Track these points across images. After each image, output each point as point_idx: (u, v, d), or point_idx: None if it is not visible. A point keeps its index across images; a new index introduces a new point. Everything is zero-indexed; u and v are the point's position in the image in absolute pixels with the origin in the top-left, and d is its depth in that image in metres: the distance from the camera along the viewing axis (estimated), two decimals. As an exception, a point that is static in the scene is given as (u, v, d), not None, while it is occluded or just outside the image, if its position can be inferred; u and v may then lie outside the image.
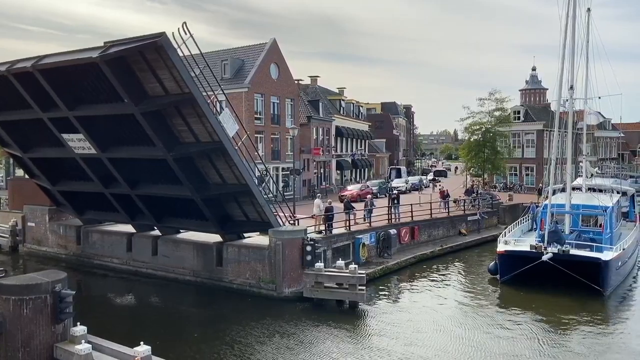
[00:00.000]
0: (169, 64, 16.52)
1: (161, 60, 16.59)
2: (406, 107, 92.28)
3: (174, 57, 16.29)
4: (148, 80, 17.51)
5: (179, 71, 16.56)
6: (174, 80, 17.08)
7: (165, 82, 17.36)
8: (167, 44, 16.09)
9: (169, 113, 18.29)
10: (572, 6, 23.51)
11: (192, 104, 17.41)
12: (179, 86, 17.17)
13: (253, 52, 40.31)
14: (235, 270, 20.53)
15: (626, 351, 14.99)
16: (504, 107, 47.70)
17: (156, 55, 16.52)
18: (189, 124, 18.38)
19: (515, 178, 54.76)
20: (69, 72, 18.18)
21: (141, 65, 17.09)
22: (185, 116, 18.19)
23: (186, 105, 17.67)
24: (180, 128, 18.70)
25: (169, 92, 17.61)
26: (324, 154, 48.82)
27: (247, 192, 19.43)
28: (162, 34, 16.13)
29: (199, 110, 17.48)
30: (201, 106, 17.31)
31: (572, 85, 24.43)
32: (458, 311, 18.68)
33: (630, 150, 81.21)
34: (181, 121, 18.43)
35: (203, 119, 17.83)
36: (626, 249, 22.47)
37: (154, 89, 17.73)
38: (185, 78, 16.74)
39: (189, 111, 17.92)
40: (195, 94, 17.04)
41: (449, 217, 31.82)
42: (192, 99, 17.16)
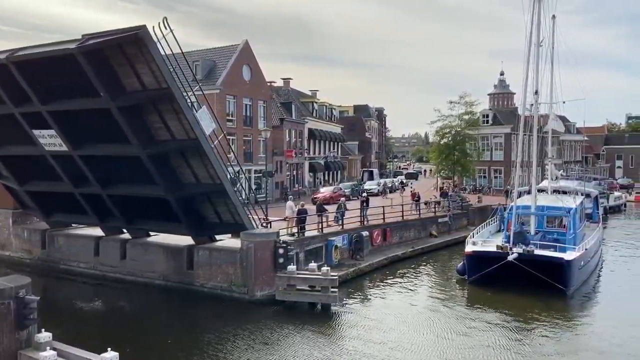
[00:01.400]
0: (148, 58, 16.31)
1: (140, 54, 16.38)
2: (378, 109, 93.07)
3: (153, 50, 16.08)
4: (126, 74, 17.23)
5: (158, 65, 16.35)
6: (152, 75, 16.87)
7: (143, 77, 17.13)
8: (147, 37, 15.89)
9: (145, 109, 18.04)
10: (537, 13, 24.23)
11: (169, 99, 17.22)
12: (157, 81, 16.96)
13: (225, 53, 40.03)
14: (206, 273, 20.30)
15: (591, 350, 15.46)
16: (474, 110, 48.82)
17: (135, 49, 16.30)
18: (165, 120, 18.16)
19: (484, 180, 55.90)
20: (44, 65, 17.77)
21: (119, 59, 16.83)
22: (162, 112, 17.96)
23: (164, 100, 17.46)
24: (157, 125, 18.44)
25: (146, 87, 17.38)
26: (296, 156, 48.81)
27: (222, 192, 19.25)
28: (142, 26, 15.94)
29: (177, 106, 17.27)
30: (179, 102, 17.11)
31: (537, 90, 25.14)
32: (428, 311, 18.94)
33: (594, 154, 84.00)
34: (157, 118, 18.18)
35: (180, 116, 17.63)
36: (589, 248, 23.19)
37: (132, 84, 17.47)
38: (164, 73, 16.53)
39: (166, 107, 17.71)
40: (173, 89, 16.84)
41: (420, 219, 32.24)
42: (170, 94, 16.96)
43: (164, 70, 16.50)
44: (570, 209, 24.65)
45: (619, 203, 54.77)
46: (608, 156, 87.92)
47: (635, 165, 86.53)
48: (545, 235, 23.75)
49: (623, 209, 54.90)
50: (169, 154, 19.09)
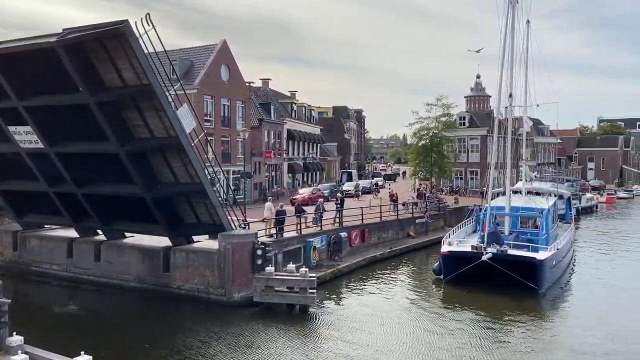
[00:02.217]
0: (129, 53, 16.10)
1: (121, 49, 16.17)
2: (357, 111, 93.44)
3: (135, 45, 15.90)
4: (106, 70, 16.99)
5: (139, 61, 16.15)
6: (133, 71, 16.67)
7: (124, 73, 16.91)
8: (129, 32, 15.71)
9: (125, 105, 17.79)
10: (512, 18, 24.71)
11: (150, 96, 17.02)
12: (138, 77, 16.75)
13: (203, 53, 39.70)
14: (183, 275, 20.08)
15: (565, 348, 15.79)
16: (450, 113, 49.42)
17: (116, 44, 16.09)
18: (145, 117, 17.94)
19: (461, 182, 56.63)
20: (23, 60, 17.45)
21: (100, 54, 16.60)
22: (142, 109, 17.75)
23: (144, 97, 17.25)
24: (136, 122, 18.21)
25: (127, 83, 17.16)
26: (275, 157, 48.68)
27: (201, 192, 19.08)
28: (124, 21, 15.76)
29: (157, 103, 17.08)
30: (160, 98, 16.92)
31: (511, 93, 25.62)
32: (405, 311, 19.12)
33: (567, 156, 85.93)
34: (137, 115, 17.96)
35: (160, 113, 17.43)
36: (560, 248, 23.73)
37: (112, 80, 17.23)
38: (146, 68, 16.34)
39: (146, 104, 17.50)
40: (154, 85, 16.65)
41: (398, 220, 32.50)
42: (151, 90, 16.77)
43: (146, 65, 16.33)
44: (543, 209, 25.19)
45: (591, 204, 56.16)
46: (580, 158, 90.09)
47: (606, 168, 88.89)
48: (519, 236, 24.23)
49: (595, 210, 56.30)
50: (148, 152, 18.85)
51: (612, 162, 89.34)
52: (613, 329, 17.21)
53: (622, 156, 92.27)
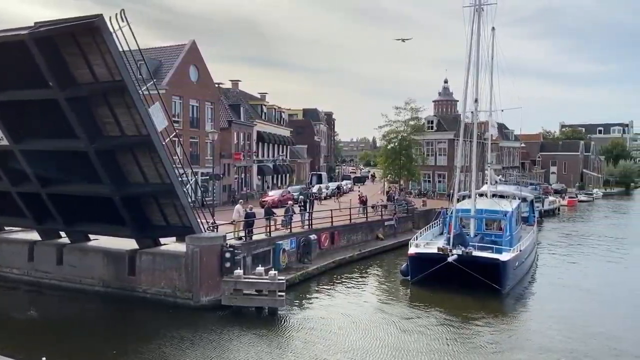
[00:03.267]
0: (102, 48, 15.81)
1: (94, 44, 15.87)
2: (327, 114, 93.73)
3: (109, 41, 15.62)
4: (78, 65, 16.63)
5: (112, 56, 15.87)
6: (106, 67, 16.37)
7: (96, 68, 16.59)
8: (103, 27, 15.43)
9: (95, 102, 17.43)
10: (477, 25, 25.31)
11: (122, 92, 16.72)
12: (110, 73, 16.46)
13: (171, 53, 39.13)
14: (149, 279, 19.68)
15: (528, 347, 16.21)
16: (419, 116, 50.16)
17: (89, 39, 15.80)
18: (116, 115, 17.60)
19: (429, 184, 57.50)
20: None
21: (72, 49, 16.24)
22: (113, 106, 17.40)
23: (116, 94, 16.94)
24: (106, 120, 17.85)
25: (98, 79, 16.83)
26: (245, 159, 48.33)
27: (170, 193, 18.79)
28: (99, 15, 15.51)
29: (129, 100, 16.78)
30: (132, 95, 16.63)
31: (477, 98, 26.22)
32: (373, 313, 19.27)
33: (531, 160, 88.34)
34: (108, 112, 17.60)
35: (132, 110, 17.12)
36: (523, 250, 24.38)
37: (83, 75, 16.88)
38: (119, 64, 16.07)
39: (117, 101, 17.17)
40: (127, 81, 16.38)
41: (367, 223, 32.73)
42: (123, 87, 16.48)
43: (119, 61, 16.07)
44: (507, 212, 25.85)
45: (553, 207, 57.88)
46: (543, 162, 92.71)
47: (568, 172, 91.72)
48: (484, 237, 24.79)
49: (557, 213, 58.04)
50: (117, 151, 18.51)
51: (573, 167, 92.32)
52: (575, 328, 17.77)
53: (583, 161, 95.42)
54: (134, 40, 16.91)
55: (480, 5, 25.45)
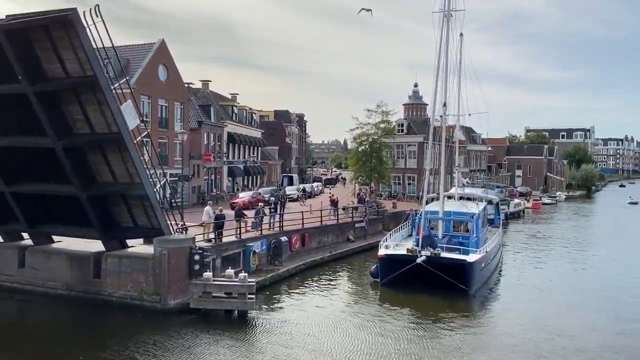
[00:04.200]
0: (75, 43, 15.51)
1: (67, 39, 15.57)
2: (299, 115, 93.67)
3: (82, 35, 15.32)
4: (49, 59, 16.26)
5: (85, 51, 15.56)
6: (78, 62, 16.05)
7: (68, 63, 16.25)
8: (77, 20, 15.12)
9: (65, 98, 17.03)
10: (446, 30, 25.79)
11: (94, 89, 16.41)
12: (82, 68, 16.14)
13: (139, 51, 38.36)
14: (115, 282, 19.23)
15: (495, 347, 16.57)
16: (389, 119, 50.65)
17: (62, 32, 15.48)
18: (86, 112, 17.25)
19: (399, 187, 58.09)
20: None
21: (44, 43, 15.87)
22: (84, 103, 17.05)
23: (87, 90, 16.61)
24: (76, 116, 17.49)
25: (69, 75, 16.49)
26: (215, 160, 47.80)
27: (140, 193, 18.40)
28: (73, 9, 15.19)
29: (101, 96, 16.46)
30: (104, 92, 16.30)
31: (445, 102, 26.68)
32: (343, 314, 19.31)
33: (497, 163, 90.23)
34: (78, 108, 17.25)
35: (103, 107, 16.79)
36: (489, 251, 24.93)
37: (54, 70, 16.50)
38: (92, 60, 15.75)
39: (88, 97, 16.83)
40: (99, 77, 16.06)
41: (338, 224, 32.83)
42: (95, 83, 16.17)
43: (92, 57, 15.77)
44: (474, 214, 26.39)
45: (518, 209, 59.34)
46: (509, 166, 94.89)
47: (532, 175, 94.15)
48: (452, 239, 25.22)
49: (522, 215, 59.52)
50: (86, 149, 18.11)
51: (537, 170, 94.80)
52: (539, 327, 18.22)
53: (547, 164, 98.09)
54: (108, 37, 16.68)
55: (449, 12, 25.93)
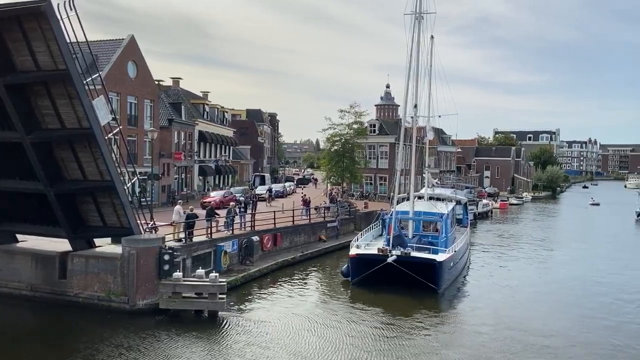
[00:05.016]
0: (48, 35, 15.16)
1: (39, 30, 15.21)
2: (271, 115, 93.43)
3: (55, 27, 14.97)
4: (19, 51, 15.85)
5: (58, 44, 15.21)
6: (50, 55, 15.70)
7: (39, 56, 15.86)
8: (50, 12, 14.80)
9: (35, 92, 16.59)
10: (417, 32, 26.15)
11: (65, 82, 16.06)
12: (54, 62, 15.78)
13: (108, 47, 37.51)
14: (81, 282, 18.78)
15: (464, 345, 16.91)
16: (362, 120, 51.01)
17: (35, 24, 15.13)
18: (56, 106, 16.85)
19: (371, 187, 58.53)
20: None
21: (15, 34, 15.49)
22: (54, 97, 16.65)
23: (58, 84, 16.23)
24: (46, 111, 17.04)
25: (40, 68, 16.10)
26: (185, 158, 47.19)
27: (110, 189, 18.08)
28: (47, 0, 14.83)
29: (72, 90, 16.11)
30: (76, 86, 15.96)
31: (416, 103, 27.06)
32: (314, 314, 19.36)
33: (467, 164, 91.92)
34: (48, 103, 16.83)
35: (74, 102, 16.44)
36: (457, 250, 25.40)
37: (24, 63, 16.09)
38: (64, 53, 15.41)
39: (60, 91, 16.45)
40: (72, 71, 15.70)
41: (310, 224, 32.87)
42: (67, 76, 15.82)
43: (64, 49, 15.44)
44: (443, 214, 26.84)
45: (487, 210, 60.63)
46: (478, 167, 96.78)
47: (500, 176, 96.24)
48: (421, 239, 25.59)
49: (490, 215, 60.83)
50: (55, 144, 17.67)
51: (505, 171, 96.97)
52: (507, 324, 18.67)
53: (514, 166, 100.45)
54: (82, 31, 16.42)
55: (420, 14, 26.28)
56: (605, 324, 19.34)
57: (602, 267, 30.70)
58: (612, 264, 31.83)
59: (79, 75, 16.33)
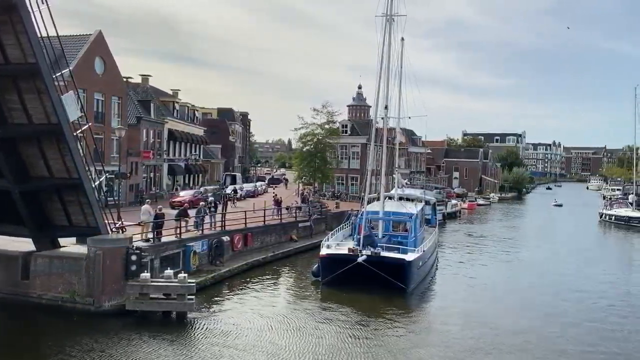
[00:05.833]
0: (18, 28, 14.85)
1: (9, 23, 14.89)
2: (243, 114, 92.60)
3: (26, 20, 14.67)
4: None
5: (29, 37, 14.88)
6: (19, 48, 15.36)
7: (8, 49, 15.51)
8: (21, 5, 14.55)
9: (3, 86, 16.17)
10: (388, 34, 26.44)
11: (34, 76, 15.66)
12: (23, 55, 15.46)
13: (75, 42, 36.49)
14: (45, 283, 18.24)
15: (433, 344, 17.17)
16: (334, 120, 51.20)
17: (5, 17, 14.80)
18: (23, 101, 16.42)
19: (342, 187, 58.75)
20: None
21: None
22: (22, 91, 16.23)
23: (27, 78, 15.82)
24: (12, 105, 16.60)
25: (9, 61, 15.74)
26: (154, 157, 46.39)
27: (78, 187, 17.62)
28: None
29: (41, 85, 15.72)
30: (45, 80, 15.58)
31: (386, 105, 27.32)
32: (284, 315, 19.32)
33: (436, 165, 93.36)
34: (16, 97, 16.40)
35: (43, 96, 16.05)
36: (426, 250, 25.77)
37: None
38: (35, 46, 15.05)
39: (28, 85, 16.05)
40: (41, 65, 15.33)
41: (282, 224, 32.78)
42: (36, 70, 15.43)
43: (35, 43, 15.08)
44: (412, 214, 27.19)
45: (455, 210, 61.70)
46: (447, 168, 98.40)
47: (468, 177, 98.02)
48: (391, 239, 25.84)
49: (458, 215, 61.92)
50: (21, 140, 17.18)
51: (473, 172, 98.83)
52: (474, 323, 19.02)
53: (482, 167, 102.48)
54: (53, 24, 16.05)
55: (391, 16, 26.56)
56: (571, 320, 19.93)
57: (567, 266, 31.68)
58: (576, 263, 32.89)
59: (49, 69, 16.01)
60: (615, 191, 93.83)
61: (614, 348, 16.99)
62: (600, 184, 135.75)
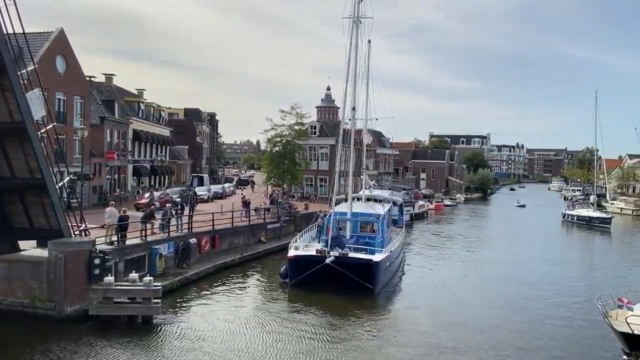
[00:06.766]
0: None
1: None
2: (210, 114, 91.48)
3: None
4: None
5: None
6: None
7: None
8: None
9: None
10: (355, 36, 26.63)
11: None
12: None
13: (35, 40, 35.22)
14: (3, 288, 17.58)
15: (401, 343, 17.34)
16: (303, 121, 51.20)
17: None
18: None
19: (311, 188, 58.81)
20: None
21: None
22: None
23: None
24: None
25: None
26: (119, 158, 45.33)
27: (41, 188, 17.02)
28: None
29: (6, 82, 15.22)
30: (10, 76, 15.08)
31: (354, 106, 27.51)
32: (252, 317, 19.16)
33: (404, 166, 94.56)
34: None
35: (7, 94, 15.53)
36: (393, 251, 26.04)
37: None
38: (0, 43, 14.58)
39: None
40: (7, 61, 14.80)
41: (250, 226, 32.54)
42: (1, 67, 14.91)
43: (1, 40, 14.59)
44: (379, 215, 27.44)
45: (423, 211, 62.61)
46: (415, 169, 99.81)
47: (435, 178, 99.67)
48: (359, 239, 26.00)
49: (426, 216, 62.86)
50: None
51: (440, 174, 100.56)
52: (443, 322, 19.33)
53: (448, 168, 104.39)
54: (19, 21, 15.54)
55: (358, 18, 26.76)
56: (538, 316, 20.52)
57: (531, 264, 32.59)
58: (540, 260, 33.85)
59: (14, 65, 15.49)
60: (576, 192, 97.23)
61: (569, 341, 17.56)
62: (562, 185, 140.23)
